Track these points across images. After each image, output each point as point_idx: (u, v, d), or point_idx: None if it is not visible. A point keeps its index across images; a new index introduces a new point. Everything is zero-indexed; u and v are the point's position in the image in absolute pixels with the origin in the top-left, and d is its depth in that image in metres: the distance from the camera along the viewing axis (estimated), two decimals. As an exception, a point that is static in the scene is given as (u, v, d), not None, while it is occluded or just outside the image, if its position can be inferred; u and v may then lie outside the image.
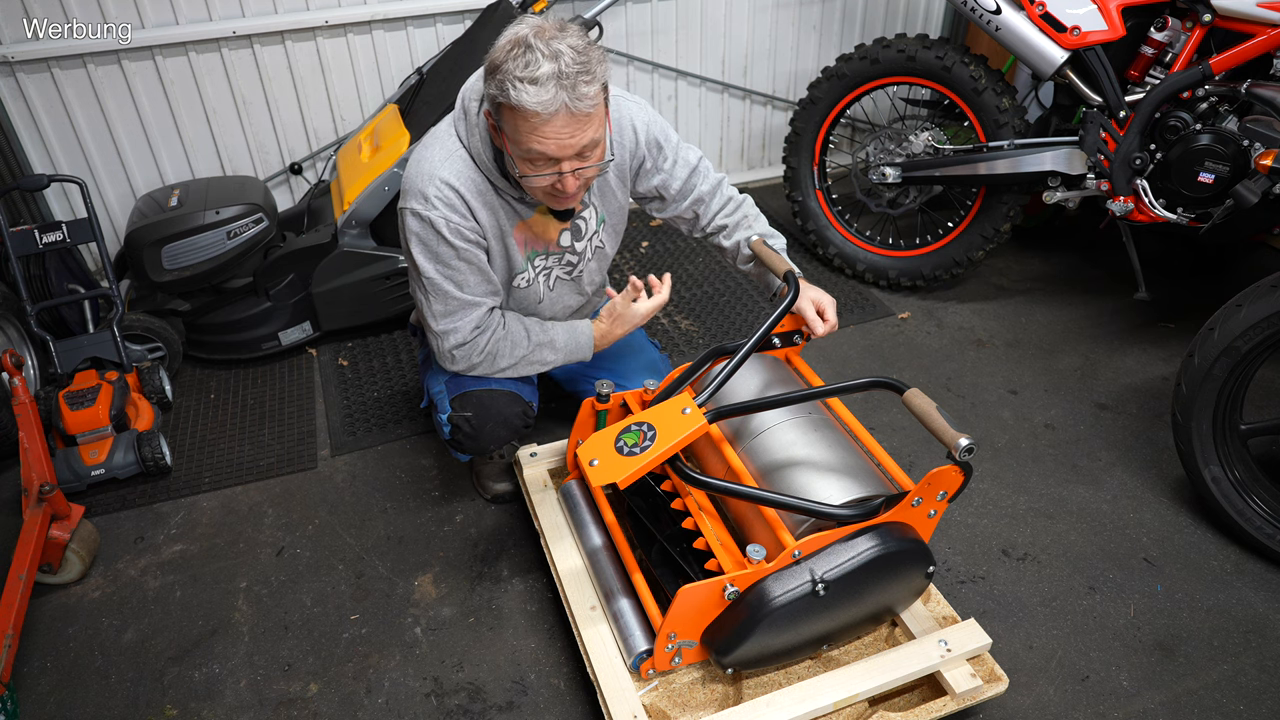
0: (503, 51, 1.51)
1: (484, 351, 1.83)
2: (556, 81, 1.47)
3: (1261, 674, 1.81)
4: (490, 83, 1.52)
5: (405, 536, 2.17)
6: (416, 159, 1.74)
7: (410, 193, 1.71)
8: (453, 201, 1.69)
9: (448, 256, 1.71)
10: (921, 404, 1.60)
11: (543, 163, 1.58)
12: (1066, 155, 2.62)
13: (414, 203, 1.70)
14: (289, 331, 2.78)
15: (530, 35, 1.49)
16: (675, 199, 1.97)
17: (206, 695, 1.81)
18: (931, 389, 2.62)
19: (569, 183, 1.62)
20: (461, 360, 1.83)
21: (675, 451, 1.63)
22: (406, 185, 1.73)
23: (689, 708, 1.65)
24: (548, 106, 1.48)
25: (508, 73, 1.48)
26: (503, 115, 1.55)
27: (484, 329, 1.82)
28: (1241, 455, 2.05)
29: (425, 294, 1.77)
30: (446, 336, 1.79)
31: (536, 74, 1.46)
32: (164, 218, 2.55)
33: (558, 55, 1.47)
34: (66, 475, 2.22)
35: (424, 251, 1.72)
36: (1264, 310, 1.88)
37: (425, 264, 1.73)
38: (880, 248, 3.10)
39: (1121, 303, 2.98)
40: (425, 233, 1.70)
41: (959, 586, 2.01)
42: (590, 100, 1.52)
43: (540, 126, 1.51)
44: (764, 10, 3.49)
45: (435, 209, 1.68)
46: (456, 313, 1.77)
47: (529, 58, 1.47)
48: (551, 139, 1.53)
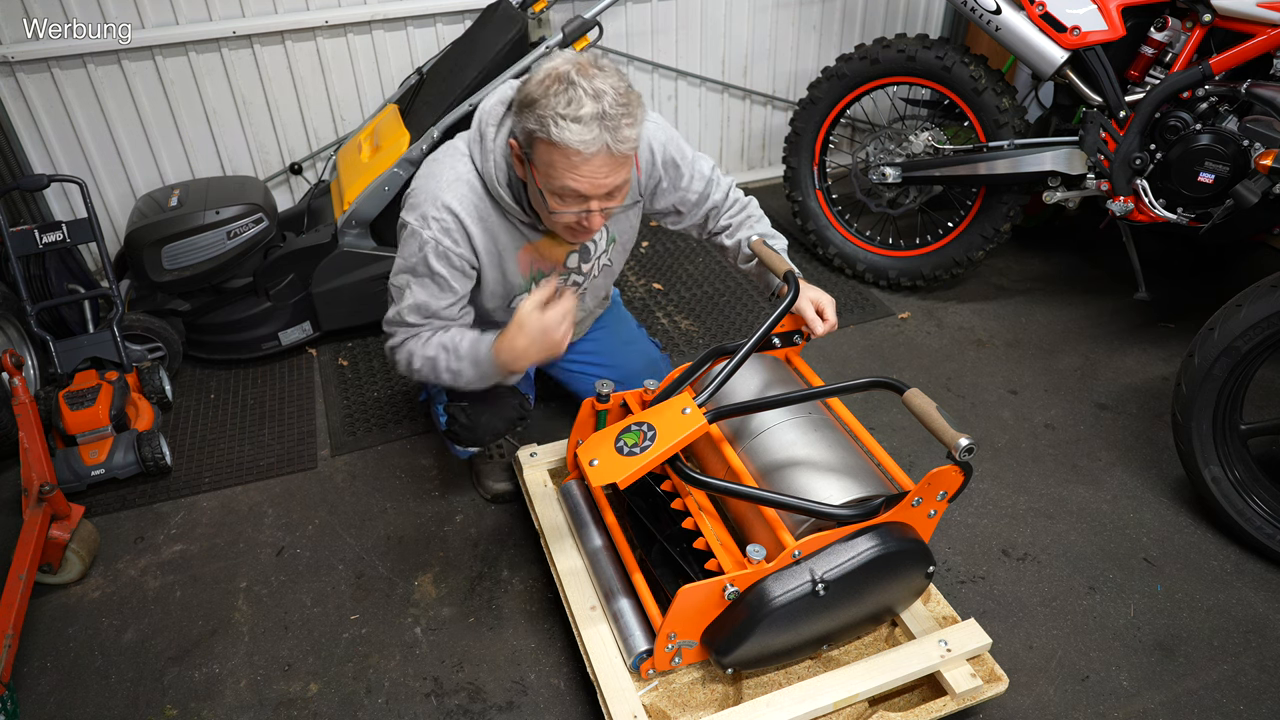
0: (541, 86, 1.50)
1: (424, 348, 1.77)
2: (599, 122, 1.47)
3: (1261, 674, 1.81)
4: (528, 116, 1.51)
5: (405, 536, 2.17)
6: (426, 174, 1.75)
7: (412, 207, 1.74)
8: (449, 226, 1.70)
9: (423, 274, 1.74)
10: (921, 404, 1.60)
11: (572, 199, 1.58)
12: (1066, 155, 2.62)
13: (412, 218, 1.73)
14: (289, 331, 2.78)
15: (572, 72, 1.49)
16: (690, 212, 1.99)
17: (206, 695, 1.81)
18: (931, 389, 2.62)
19: (595, 221, 1.62)
20: (399, 364, 1.82)
21: (675, 451, 1.63)
22: (412, 198, 1.75)
23: (689, 708, 1.65)
24: (589, 146, 1.48)
25: (550, 109, 1.47)
26: (537, 149, 1.54)
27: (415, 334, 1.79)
28: (1241, 455, 2.05)
29: (392, 295, 1.81)
30: (390, 336, 1.82)
31: (580, 113, 1.46)
32: (164, 218, 2.55)
33: (600, 95, 1.47)
34: (66, 475, 2.22)
35: (404, 262, 1.75)
36: (1264, 310, 1.88)
37: (402, 272, 1.76)
38: (880, 248, 3.10)
39: (1121, 303, 2.98)
40: (411, 246, 1.73)
41: (959, 586, 2.01)
42: (631, 143, 1.52)
43: (579, 165, 1.51)
44: (764, 10, 3.49)
45: (429, 228, 1.70)
46: (403, 327, 1.79)
47: (572, 95, 1.47)
48: (587, 178, 1.53)
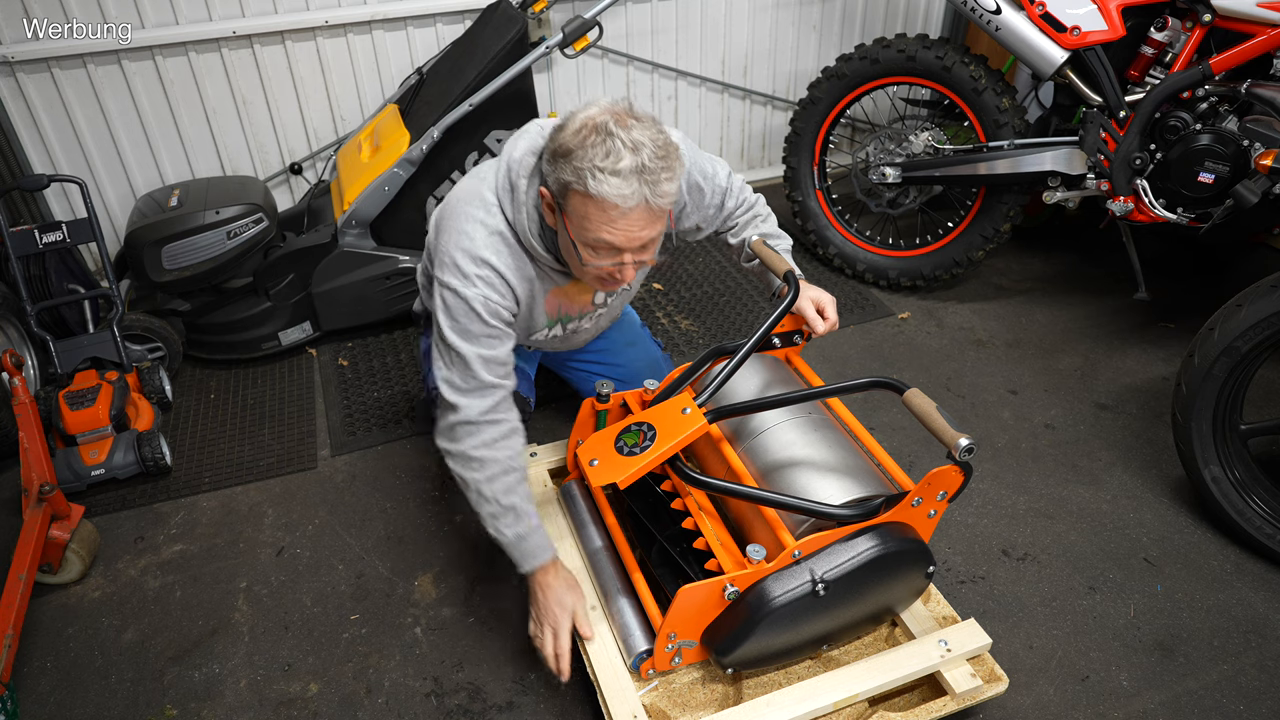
0: (577, 137, 1.45)
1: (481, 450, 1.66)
2: (639, 176, 1.44)
3: (1261, 674, 1.81)
4: (563, 167, 1.47)
5: (405, 536, 2.17)
6: (454, 229, 1.65)
7: (448, 265, 1.63)
8: (493, 281, 1.63)
9: (479, 333, 1.63)
10: (921, 404, 1.60)
11: (606, 252, 1.54)
12: (1066, 155, 2.62)
13: (452, 278, 1.62)
14: (289, 331, 2.78)
15: (610, 122, 1.45)
16: (708, 225, 1.96)
17: (206, 695, 1.81)
18: (931, 389, 2.62)
19: (628, 273, 1.59)
20: (459, 439, 1.67)
21: (675, 451, 1.63)
22: (443, 254, 1.64)
23: (689, 708, 1.65)
24: (628, 200, 1.45)
25: (587, 160, 1.44)
26: (571, 201, 1.50)
27: (495, 421, 1.66)
28: (1241, 455, 2.05)
29: (447, 363, 1.67)
30: (457, 410, 1.65)
31: (619, 166, 1.43)
32: (164, 218, 2.55)
33: (638, 147, 1.44)
34: (66, 475, 2.22)
35: (454, 326, 1.63)
36: (1264, 310, 1.88)
37: (454, 338, 1.63)
38: (880, 248, 3.10)
39: (1121, 303, 2.98)
40: (459, 308, 1.62)
41: (959, 586, 2.01)
42: (670, 198, 1.49)
43: (616, 219, 1.48)
44: (764, 10, 3.49)
45: (475, 287, 1.61)
46: (475, 391, 1.65)
47: (610, 146, 1.43)
48: (623, 231, 1.50)
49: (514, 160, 1.63)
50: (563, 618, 1.69)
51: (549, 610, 1.70)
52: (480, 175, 1.71)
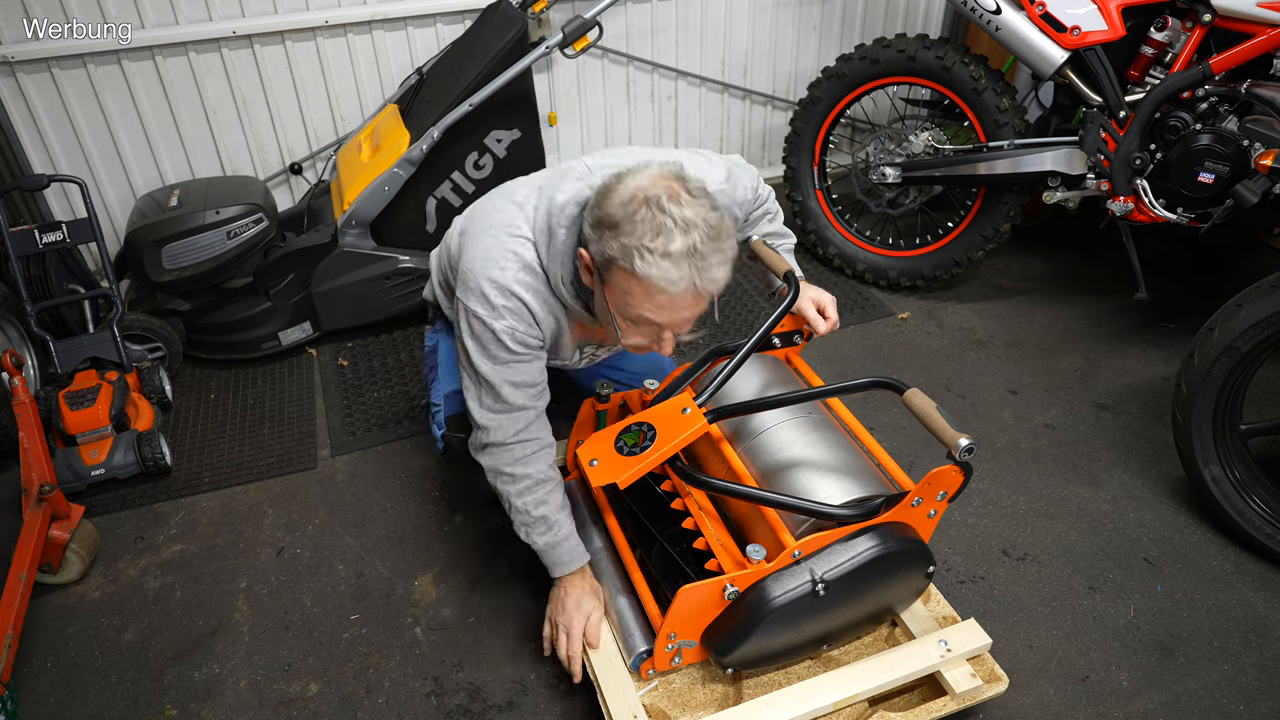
0: (625, 209, 1.38)
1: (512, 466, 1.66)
2: (689, 259, 1.36)
3: (1261, 674, 1.81)
4: (608, 240, 1.40)
5: (405, 536, 2.17)
6: (483, 255, 1.57)
7: (474, 292, 1.56)
8: (521, 314, 1.57)
9: (506, 359, 1.59)
10: (921, 404, 1.60)
11: (646, 327, 1.49)
12: (1066, 155, 2.62)
13: (479, 307, 1.56)
14: (289, 331, 2.78)
15: (663, 196, 1.37)
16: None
17: (206, 695, 1.81)
18: (931, 389, 2.62)
19: (666, 347, 1.56)
20: (491, 455, 1.66)
21: (675, 451, 1.63)
22: (470, 276, 1.57)
23: (689, 708, 1.65)
24: (676, 285, 1.37)
25: (635, 238, 1.36)
26: (614, 275, 1.43)
27: (526, 441, 1.65)
28: (1241, 455, 2.05)
29: (476, 385, 1.63)
30: (488, 431, 1.64)
31: (670, 248, 1.35)
32: (164, 218, 2.55)
33: (690, 227, 1.36)
34: (66, 475, 2.22)
35: (481, 351, 1.59)
36: (1264, 310, 1.88)
37: (482, 363, 1.60)
38: (880, 248, 3.10)
39: (1121, 303, 2.98)
40: (486, 337, 1.58)
41: (959, 586, 2.01)
42: (719, 283, 1.42)
43: (662, 301, 1.41)
44: (764, 10, 3.49)
45: (502, 319, 1.56)
46: (505, 413, 1.63)
47: (661, 224, 1.36)
48: (667, 312, 1.44)
49: (556, 206, 1.55)
50: (578, 620, 1.71)
51: (566, 611, 1.72)
52: (516, 200, 1.63)
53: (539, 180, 1.66)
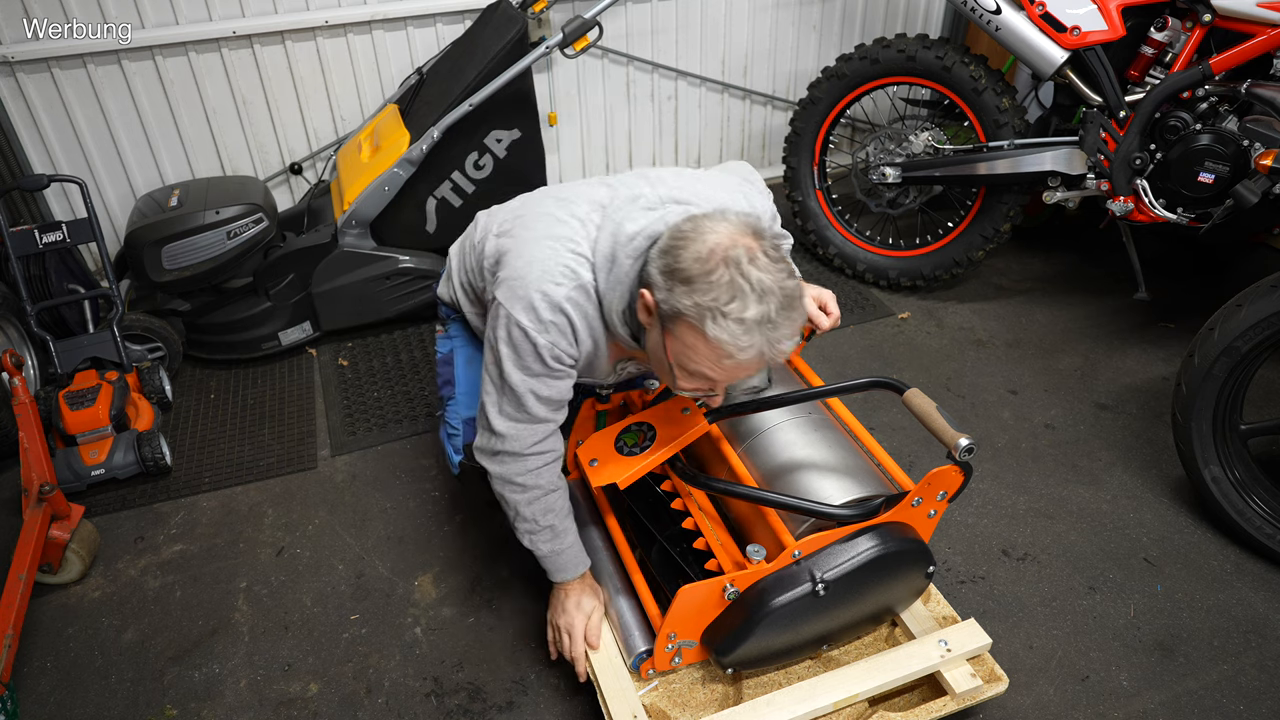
0: (701, 264, 1.34)
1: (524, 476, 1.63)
2: (761, 328, 1.33)
3: (1261, 674, 1.81)
4: (679, 292, 1.35)
5: (405, 536, 2.17)
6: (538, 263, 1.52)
7: (520, 301, 1.50)
8: (565, 331, 1.53)
9: (540, 373, 1.55)
10: (921, 404, 1.60)
11: (702, 380, 1.45)
12: (1066, 155, 2.62)
13: (524, 317, 1.50)
14: (289, 331, 2.78)
15: (742, 256, 1.33)
16: None
17: (206, 695, 1.81)
18: (931, 389, 2.62)
19: (716, 401, 1.55)
20: (502, 463, 1.62)
21: (675, 451, 1.63)
22: (518, 283, 1.52)
23: (689, 708, 1.65)
24: (745, 352, 1.34)
25: (709, 298, 1.32)
26: (680, 328, 1.38)
27: (540, 453, 1.62)
28: (1241, 455, 2.05)
29: (499, 390, 1.59)
30: (504, 439, 1.60)
31: (744, 315, 1.31)
32: (164, 218, 2.55)
33: (765, 294, 1.32)
34: (66, 475, 2.22)
35: (516, 361, 1.54)
36: (1264, 310, 1.88)
37: (513, 371, 1.55)
38: (880, 248, 3.10)
39: (1121, 303, 2.98)
40: (525, 348, 1.53)
41: (959, 586, 2.01)
42: (785, 354, 1.40)
43: (727, 364, 1.38)
44: (764, 10, 3.49)
45: (547, 334, 1.51)
46: (524, 423, 1.59)
47: (738, 288, 1.32)
48: (728, 373, 1.41)
49: (624, 234, 1.50)
50: (579, 621, 1.71)
51: (567, 613, 1.72)
52: (577, 215, 1.57)
53: (599, 197, 1.59)
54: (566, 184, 1.73)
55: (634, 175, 1.66)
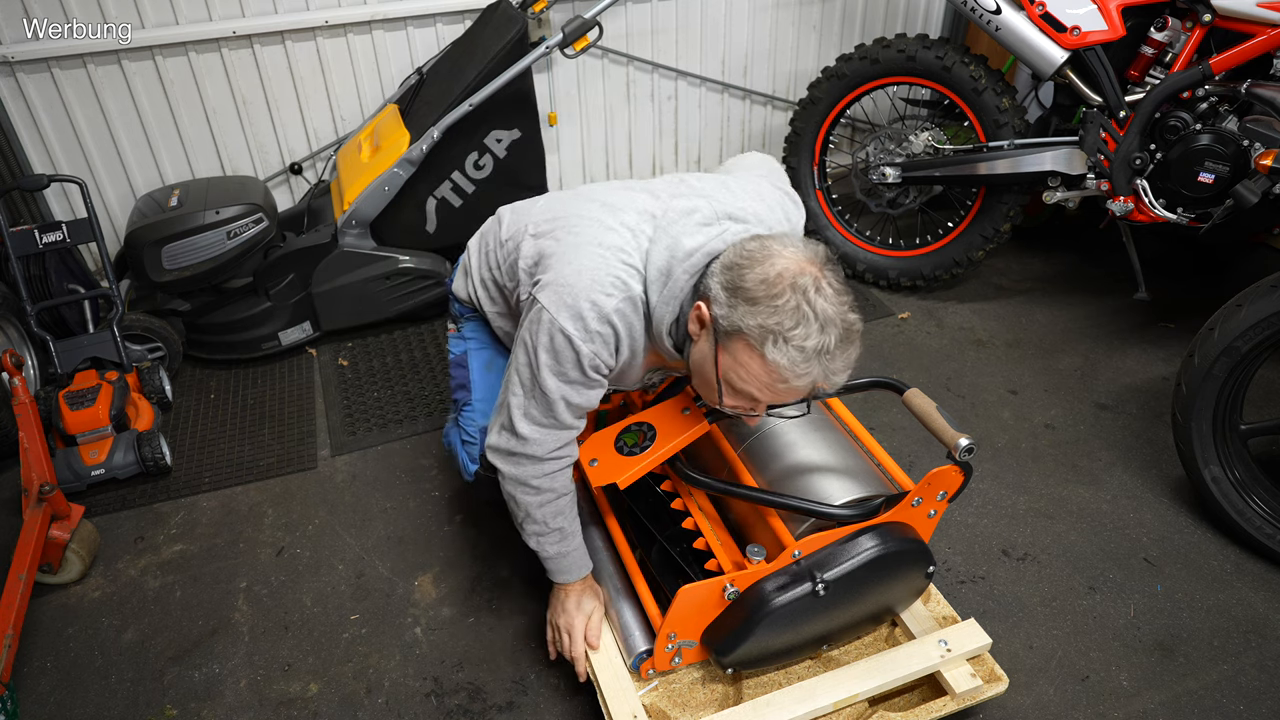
0: (767, 287, 1.34)
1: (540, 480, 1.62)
2: (819, 358, 1.33)
3: (1261, 674, 1.81)
4: (742, 312, 1.35)
5: (405, 536, 2.17)
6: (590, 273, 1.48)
7: (569, 308, 1.47)
8: (610, 343, 1.51)
9: (576, 380, 1.53)
10: (921, 404, 1.60)
11: (745, 399, 1.45)
12: (1066, 155, 2.62)
13: (570, 324, 1.47)
14: (289, 331, 2.78)
15: (809, 284, 1.33)
16: None
17: (206, 695, 1.81)
18: (931, 389, 2.62)
19: (754, 421, 1.54)
20: (519, 465, 1.60)
21: (675, 451, 1.63)
22: (567, 289, 1.48)
23: (689, 708, 1.65)
24: (800, 379, 1.35)
25: (773, 320, 1.32)
26: (736, 346, 1.38)
27: (558, 458, 1.61)
28: (1241, 455, 2.05)
29: (526, 394, 1.56)
30: (526, 442, 1.57)
31: (805, 344, 1.32)
32: (164, 218, 2.55)
33: (828, 325, 1.33)
34: (66, 475, 2.22)
35: (554, 366, 1.51)
36: (1264, 310, 1.88)
37: (548, 377, 1.52)
38: (880, 248, 3.10)
39: (1121, 303, 2.98)
40: (567, 355, 1.50)
41: (959, 586, 2.01)
42: (837, 387, 1.41)
43: (779, 389, 1.38)
44: (764, 10, 3.49)
45: (591, 343, 1.49)
46: (549, 428, 1.57)
47: (802, 315, 1.32)
48: (778, 396, 1.42)
49: (681, 250, 1.48)
50: (579, 620, 1.71)
51: (567, 613, 1.72)
52: (627, 224, 1.54)
53: (647, 206, 1.57)
54: (603, 186, 1.69)
55: (675, 183, 1.63)
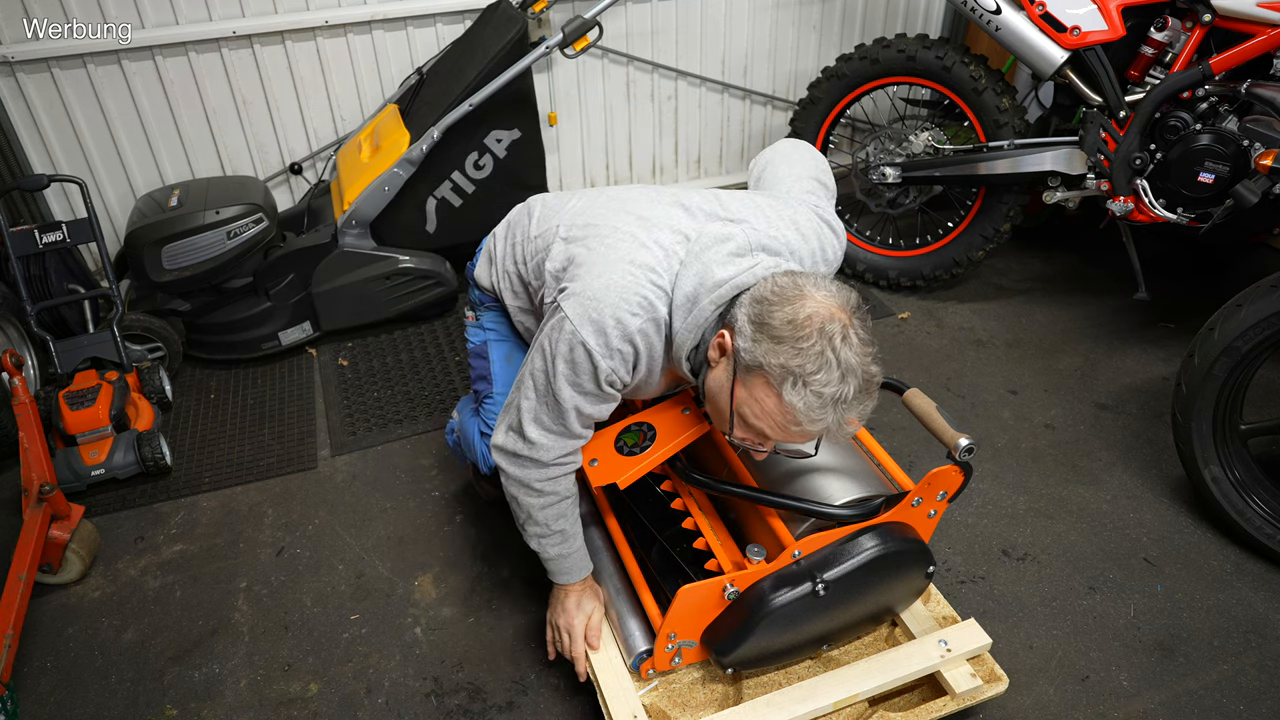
0: (794, 328, 1.32)
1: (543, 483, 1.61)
2: (835, 405, 1.33)
3: (1261, 674, 1.81)
4: (767, 350, 1.33)
5: (405, 536, 2.17)
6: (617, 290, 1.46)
7: (592, 321, 1.45)
8: (629, 360, 1.50)
9: (590, 391, 1.51)
10: (921, 404, 1.60)
11: (755, 434, 1.43)
12: (1066, 155, 2.62)
13: (592, 338, 1.45)
14: (289, 331, 2.78)
15: (836, 334, 1.32)
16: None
17: (206, 695, 1.81)
18: (931, 389, 2.62)
19: (760, 456, 1.54)
20: (524, 468, 1.60)
21: (675, 451, 1.63)
22: (591, 305, 1.45)
23: (689, 708, 1.65)
24: (814, 423, 1.34)
25: (795, 361, 1.31)
26: (754, 381, 1.37)
27: (564, 463, 1.60)
28: (1241, 455, 2.05)
29: (538, 400, 1.54)
30: (534, 447, 1.56)
31: (824, 390, 1.31)
32: (164, 218, 2.55)
33: (848, 374, 1.32)
34: (66, 475, 2.22)
35: (570, 377, 1.49)
36: (1264, 310, 1.88)
37: (563, 386, 1.50)
38: (880, 248, 3.10)
39: (1121, 303, 2.98)
40: (584, 367, 1.48)
41: (959, 586, 2.01)
42: (849, 436, 1.39)
43: (791, 430, 1.37)
44: (764, 10, 3.49)
45: (611, 360, 1.47)
46: (558, 435, 1.56)
47: (826, 360, 1.31)
48: (787, 435, 1.40)
49: (711, 280, 1.45)
50: (579, 620, 1.71)
51: (567, 613, 1.72)
52: (661, 243, 1.51)
53: (684, 226, 1.54)
54: (639, 194, 1.65)
55: (711, 199, 1.61)
